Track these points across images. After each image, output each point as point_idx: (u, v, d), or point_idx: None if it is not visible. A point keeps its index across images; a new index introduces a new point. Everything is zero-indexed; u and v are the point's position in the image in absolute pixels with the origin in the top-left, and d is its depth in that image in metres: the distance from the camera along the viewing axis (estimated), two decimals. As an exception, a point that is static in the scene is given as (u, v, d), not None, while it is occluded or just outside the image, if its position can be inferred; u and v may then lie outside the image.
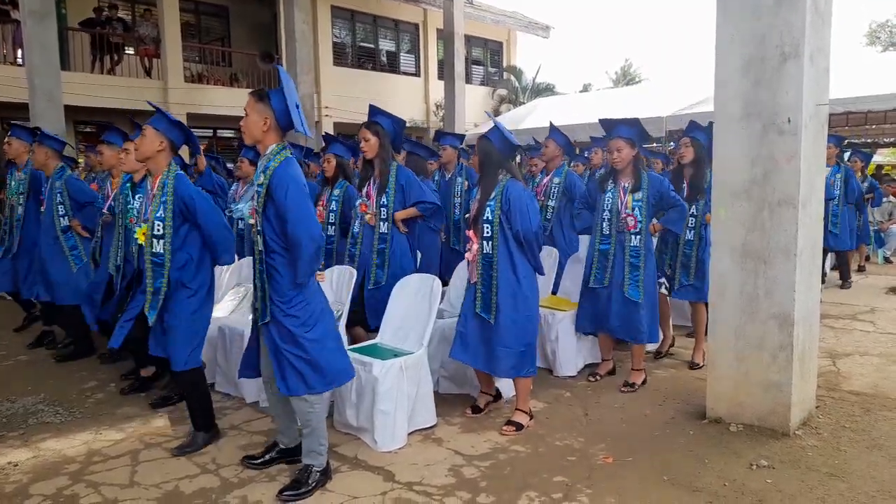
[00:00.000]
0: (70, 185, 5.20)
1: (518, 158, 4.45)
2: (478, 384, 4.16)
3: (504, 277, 3.68)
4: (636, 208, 4.29)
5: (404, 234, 4.49)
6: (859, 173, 8.61)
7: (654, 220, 4.47)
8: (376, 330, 4.21)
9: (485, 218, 3.70)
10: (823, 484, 3.06)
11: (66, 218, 5.22)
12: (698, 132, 4.83)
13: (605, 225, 4.41)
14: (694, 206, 4.76)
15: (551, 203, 5.52)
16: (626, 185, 4.35)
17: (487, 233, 3.69)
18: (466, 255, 3.83)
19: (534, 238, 3.68)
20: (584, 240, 5.23)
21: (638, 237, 4.30)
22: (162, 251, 3.39)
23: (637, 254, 4.31)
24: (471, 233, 3.77)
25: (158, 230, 3.40)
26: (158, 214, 3.39)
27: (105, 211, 4.91)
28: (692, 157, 4.79)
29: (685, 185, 4.83)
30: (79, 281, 5.19)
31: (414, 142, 6.17)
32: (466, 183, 6.32)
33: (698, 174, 4.76)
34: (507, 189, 3.67)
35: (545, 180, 5.62)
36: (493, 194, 3.70)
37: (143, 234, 3.45)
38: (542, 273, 3.93)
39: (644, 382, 4.49)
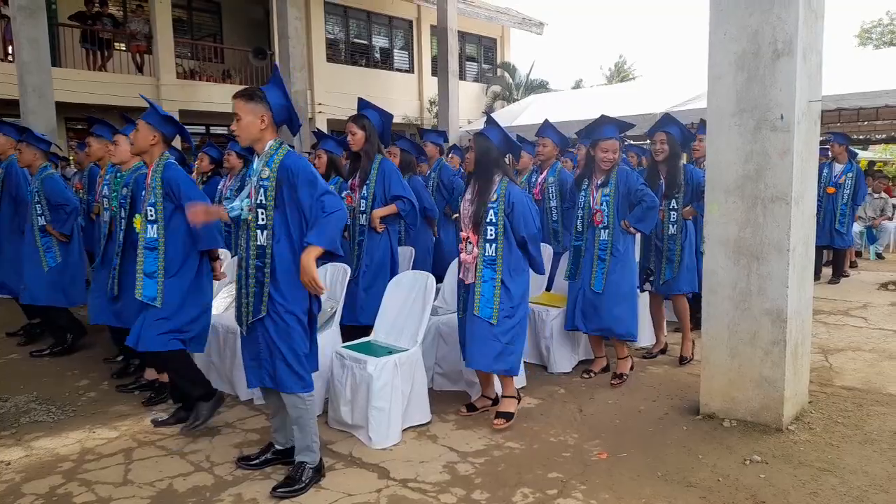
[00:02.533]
0: (45, 185, 5.16)
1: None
2: (473, 381, 4.16)
3: (507, 278, 3.68)
4: (604, 203, 4.34)
5: (380, 231, 4.48)
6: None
7: (624, 219, 4.39)
8: (359, 327, 4.24)
9: (488, 220, 3.67)
10: (816, 478, 3.08)
11: (42, 217, 5.19)
12: (672, 126, 4.84)
13: (578, 222, 4.48)
14: (673, 201, 4.79)
15: (552, 204, 5.49)
16: (599, 181, 4.40)
17: (491, 235, 3.67)
18: (463, 256, 3.78)
19: (537, 239, 3.76)
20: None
21: (606, 231, 4.34)
22: (156, 235, 3.50)
23: (604, 247, 4.35)
24: (470, 234, 3.72)
25: (151, 215, 3.52)
26: (151, 201, 3.53)
27: (97, 202, 4.88)
28: (667, 153, 4.81)
29: (662, 180, 4.84)
30: (52, 281, 5.17)
31: (409, 141, 6.15)
32: (437, 180, 6.35)
33: (673, 169, 4.79)
34: (509, 192, 3.67)
35: (540, 179, 5.56)
36: (494, 196, 3.67)
37: (140, 223, 3.58)
38: (542, 272, 3.97)
39: (631, 368, 4.52)
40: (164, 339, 3.51)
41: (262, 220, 2.98)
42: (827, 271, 8.40)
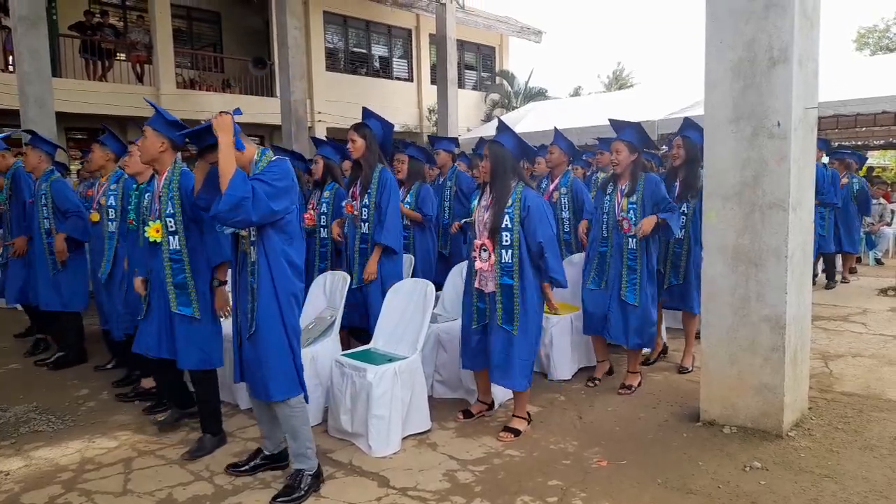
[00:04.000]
0: (54, 190, 5.15)
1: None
2: (472, 389, 4.16)
3: (527, 286, 3.64)
4: (630, 211, 4.30)
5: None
6: (845, 177, 8.63)
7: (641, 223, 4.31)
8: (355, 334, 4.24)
9: (504, 226, 3.63)
10: (816, 485, 3.08)
11: (48, 221, 5.19)
12: (692, 131, 4.80)
13: (603, 228, 4.43)
14: (685, 205, 4.77)
15: (565, 214, 5.47)
16: (624, 187, 4.37)
17: (507, 241, 3.63)
18: (479, 264, 3.70)
19: (554, 245, 3.67)
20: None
21: (634, 240, 4.30)
22: (178, 247, 3.47)
23: (634, 256, 4.30)
24: (486, 241, 3.67)
25: (171, 226, 3.48)
26: (169, 211, 3.46)
27: (94, 209, 4.88)
28: (684, 157, 4.80)
29: (677, 183, 4.83)
30: (58, 286, 5.16)
31: (419, 148, 6.16)
32: (455, 188, 6.32)
33: (691, 173, 4.77)
34: (524, 197, 3.64)
35: (551, 188, 5.49)
36: (509, 202, 3.64)
37: (157, 230, 3.49)
38: (563, 285, 3.75)
39: (639, 385, 4.50)
40: (205, 357, 3.53)
41: (253, 236, 2.98)
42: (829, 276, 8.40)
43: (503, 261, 3.65)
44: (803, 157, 3.63)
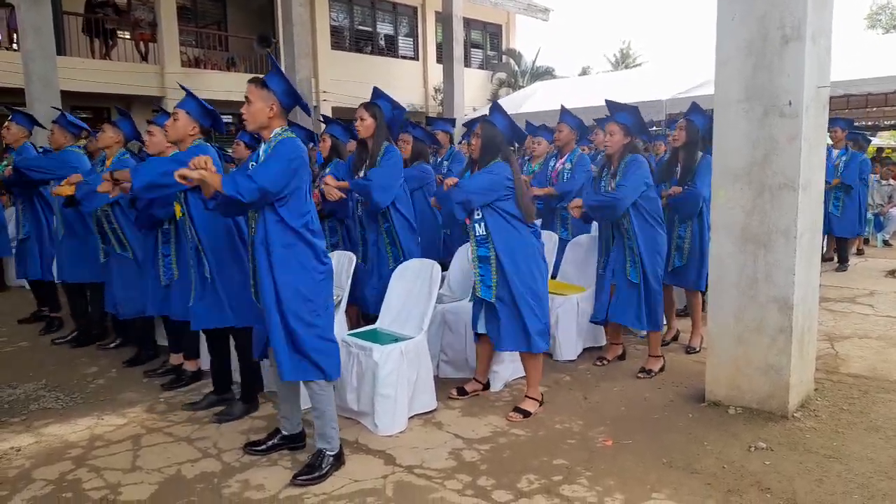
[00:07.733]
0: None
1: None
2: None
3: (501, 255, 3.64)
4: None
5: (337, 199, 4.38)
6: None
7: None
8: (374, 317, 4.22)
9: None
10: (821, 465, 3.08)
11: None
12: (696, 115, 4.78)
13: None
14: (686, 189, 4.75)
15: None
16: (614, 168, 4.34)
17: (478, 215, 3.68)
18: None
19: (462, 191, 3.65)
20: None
21: (627, 220, 4.27)
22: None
23: (631, 236, 4.29)
24: (466, 219, 3.73)
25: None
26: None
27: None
28: (684, 139, 4.76)
29: (679, 167, 4.81)
30: (91, 259, 5.12)
31: (423, 129, 6.10)
32: (451, 169, 6.29)
33: (690, 157, 4.74)
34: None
35: (558, 164, 5.42)
36: None
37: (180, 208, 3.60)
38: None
39: (662, 369, 4.44)
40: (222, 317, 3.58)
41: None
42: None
43: (477, 234, 3.71)
44: (815, 137, 3.58)
